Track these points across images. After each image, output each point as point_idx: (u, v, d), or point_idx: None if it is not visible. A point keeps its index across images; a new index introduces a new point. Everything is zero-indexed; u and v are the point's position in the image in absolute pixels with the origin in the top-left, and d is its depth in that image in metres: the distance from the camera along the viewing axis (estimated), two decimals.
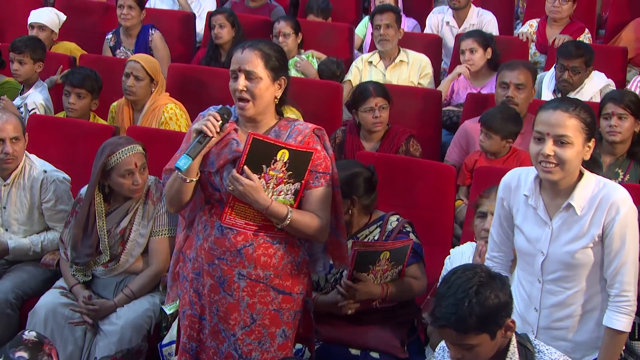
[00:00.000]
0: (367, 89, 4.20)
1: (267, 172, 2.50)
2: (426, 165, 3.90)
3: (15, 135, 3.51)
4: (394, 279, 3.02)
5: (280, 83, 2.61)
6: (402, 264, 2.99)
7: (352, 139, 4.26)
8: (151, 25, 5.50)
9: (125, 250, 3.33)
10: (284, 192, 2.55)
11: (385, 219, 3.13)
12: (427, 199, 3.73)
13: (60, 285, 3.43)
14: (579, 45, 4.65)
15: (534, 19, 5.76)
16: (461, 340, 2.15)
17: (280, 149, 2.48)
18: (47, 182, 3.59)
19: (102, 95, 4.48)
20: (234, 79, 2.58)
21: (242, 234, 2.57)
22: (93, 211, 3.32)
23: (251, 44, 2.59)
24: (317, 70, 5.22)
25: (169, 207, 2.72)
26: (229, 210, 2.56)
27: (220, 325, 2.64)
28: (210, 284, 2.62)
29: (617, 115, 3.74)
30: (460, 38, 5.19)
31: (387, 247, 2.93)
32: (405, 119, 4.43)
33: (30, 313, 3.32)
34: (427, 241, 3.63)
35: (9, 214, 3.61)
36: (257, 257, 2.58)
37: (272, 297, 2.63)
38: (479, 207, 3.00)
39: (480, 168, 3.78)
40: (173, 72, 4.92)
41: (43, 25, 5.27)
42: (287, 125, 2.63)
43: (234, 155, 2.54)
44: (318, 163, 2.58)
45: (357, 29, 6.08)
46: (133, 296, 3.30)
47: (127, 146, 3.29)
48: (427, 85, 5.15)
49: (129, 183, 3.28)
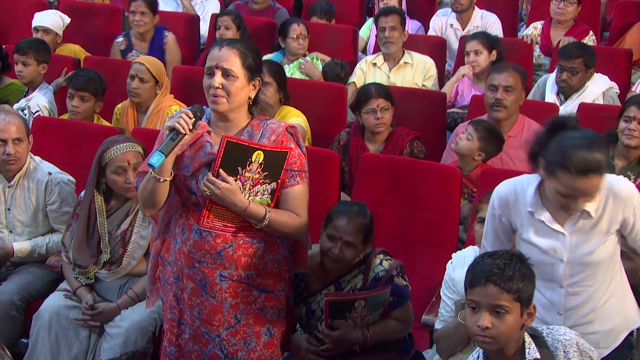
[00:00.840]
0: (369, 90, 4.21)
1: (242, 174, 2.49)
2: (431, 167, 3.88)
3: (18, 137, 3.50)
4: (376, 321, 2.92)
5: (254, 84, 2.62)
6: (382, 308, 2.89)
7: (356, 141, 4.25)
8: (164, 28, 5.52)
9: (127, 253, 3.32)
10: (261, 193, 2.55)
11: (369, 262, 2.95)
12: (432, 201, 3.71)
13: (64, 287, 3.42)
14: (578, 46, 4.65)
15: (538, 21, 5.75)
16: (498, 300, 2.14)
17: (255, 150, 2.47)
18: (52, 184, 3.58)
19: (107, 97, 4.47)
20: (209, 75, 2.57)
21: (221, 236, 2.57)
22: (94, 210, 3.30)
23: (229, 42, 2.60)
24: (321, 72, 5.22)
25: (143, 210, 2.71)
26: (207, 213, 2.55)
27: (202, 328, 2.64)
28: (192, 287, 2.62)
29: (638, 120, 3.71)
30: (465, 40, 5.19)
31: (360, 296, 2.83)
32: (409, 121, 4.41)
33: (34, 316, 3.31)
34: (432, 243, 3.63)
35: (14, 215, 3.60)
36: (237, 258, 2.58)
37: (255, 296, 2.64)
38: (478, 213, 2.96)
39: (487, 170, 3.76)
40: (177, 74, 4.93)
41: (47, 29, 5.27)
42: (259, 124, 2.63)
43: (209, 158, 2.53)
44: (293, 161, 2.58)
45: (361, 31, 6.07)
46: (137, 298, 3.29)
47: (123, 143, 3.28)
48: (432, 87, 5.14)
49: (121, 181, 3.25)
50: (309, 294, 2.98)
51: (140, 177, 2.65)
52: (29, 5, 5.92)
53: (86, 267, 3.32)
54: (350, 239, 2.88)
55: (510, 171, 3.67)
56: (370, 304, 2.85)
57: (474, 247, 3.07)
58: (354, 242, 2.89)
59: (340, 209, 2.98)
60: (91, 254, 3.30)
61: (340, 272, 2.96)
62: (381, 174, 3.80)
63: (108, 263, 3.33)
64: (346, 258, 2.90)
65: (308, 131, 4.37)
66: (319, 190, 3.56)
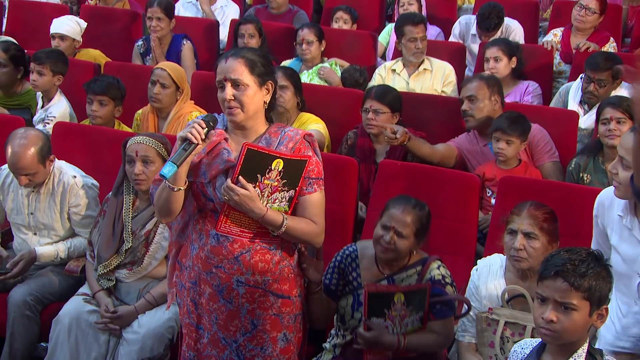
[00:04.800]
0: (370, 89, 4.29)
1: (261, 181, 2.51)
2: (449, 174, 3.87)
3: (32, 172, 3.49)
4: (415, 329, 2.85)
5: (267, 88, 2.63)
6: (422, 310, 2.84)
7: (363, 141, 4.26)
8: (184, 35, 5.55)
9: (149, 253, 3.34)
10: (279, 200, 2.56)
11: (427, 264, 2.92)
12: (450, 209, 3.70)
13: (83, 292, 3.44)
14: (607, 58, 4.57)
15: (558, 28, 5.72)
16: (566, 297, 2.09)
17: (275, 159, 2.49)
18: (76, 188, 3.61)
19: (127, 102, 4.50)
20: (220, 89, 2.59)
21: (239, 241, 2.58)
22: (120, 209, 3.36)
23: (234, 52, 2.61)
24: (340, 78, 5.21)
25: (159, 218, 2.71)
26: (224, 219, 2.56)
27: (219, 333, 2.65)
28: (209, 292, 2.64)
29: (615, 119, 3.78)
30: (485, 46, 5.15)
31: (400, 289, 2.81)
32: (428, 128, 4.38)
33: (54, 320, 3.34)
34: (450, 251, 3.61)
35: (37, 219, 3.64)
36: (254, 264, 2.59)
37: (272, 301, 2.65)
38: (509, 224, 2.93)
39: (507, 178, 3.73)
40: (197, 80, 4.95)
41: (63, 35, 5.32)
42: (277, 132, 2.64)
43: (226, 166, 2.55)
44: (311, 169, 2.60)
45: (380, 37, 6.07)
46: (155, 302, 3.31)
47: (140, 137, 3.33)
48: (451, 93, 5.12)
49: (130, 171, 3.31)
50: (359, 285, 2.97)
51: (156, 185, 2.67)
52: (50, 12, 5.98)
53: (108, 259, 3.34)
54: (402, 229, 2.87)
55: (532, 180, 3.67)
56: (410, 300, 2.81)
57: (500, 255, 3.05)
58: (406, 233, 2.87)
59: (397, 200, 2.97)
60: (115, 248, 3.34)
61: (395, 268, 2.94)
62: (399, 181, 3.80)
63: (129, 263, 3.36)
64: (397, 248, 2.87)
65: (327, 138, 4.37)
66: (336, 197, 3.56)
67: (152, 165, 3.30)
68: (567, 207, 3.40)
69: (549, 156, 4.11)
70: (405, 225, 2.87)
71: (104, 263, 3.35)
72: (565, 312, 2.10)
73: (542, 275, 2.14)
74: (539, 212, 2.86)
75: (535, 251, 2.82)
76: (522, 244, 2.82)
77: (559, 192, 3.56)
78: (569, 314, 2.09)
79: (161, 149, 3.32)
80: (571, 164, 3.98)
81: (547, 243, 2.83)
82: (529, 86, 5.04)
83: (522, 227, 2.83)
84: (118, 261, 3.36)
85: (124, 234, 3.35)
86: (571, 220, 3.35)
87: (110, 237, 3.36)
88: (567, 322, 2.10)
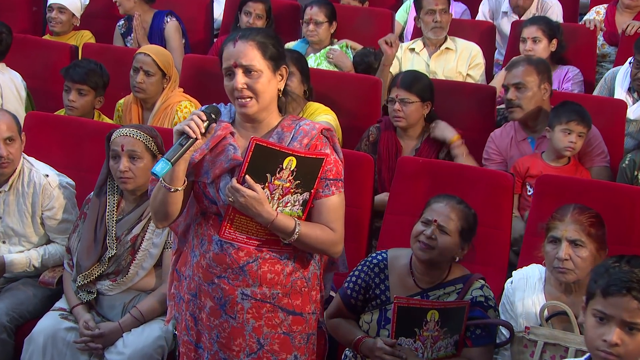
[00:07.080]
0: (396, 77, 4.26)
1: (271, 181, 2.47)
2: (478, 172, 3.84)
3: (10, 136, 3.51)
4: (447, 355, 2.81)
5: (281, 73, 2.61)
6: (458, 333, 2.79)
7: (388, 137, 4.22)
8: (168, 12, 5.52)
9: (135, 261, 3.33)
10: (291, 203, 2.52)
11: (468, 282, 2.88)
12: (480, 212, 3.62)
13: (60, 306, 3.42)
14: None
15: (600, 4, 5.67)
16: (636, 317, 2.06)
17: (287, 156, 2.45)
18: (50, 188, 3.59)
19: (109, 90, 4.46)
20: (229, 76, 2.55)
21: (245, 249, 2.55)
22: (103, 211, 3.35)
23: (242, 34, 2.57)
24: (352, 62, 5.19)
25: (155, 222, 2.69)
26: (228, 224, 2.53)
27: (221, 353, 2.62)
28: (210, 306, 2.60)
29: None
30: (522, 24, 5.10)
31: (435, 305, 2.75)
32: (453, 119, 4.34)
33: (26, 340, 3.31)
34: (479, 261, 3.57)
35: (7, 224, 3.62)
36: (262, 274, 2.56)
37: (281, 318, 2.61)
38: (550, 231, 2.89)
39: (545, 177, 3.69)
40: (188, 65, 4.93)
41: (63, 8, 5.35)
42: (290, 125, 2.60)
43: (232, 164, 2.52)
44: (328, 169, 2.56)
45: (397, 15, 6.06)
46: (142, 319, 3.29)
47: (127, 129, 3.32)
48: (478, 78, 5.10)
49: (115, 168, 3.30)
50: (387, 299, 2.94)
51: (152, 184, 2.64)
52: None
53: (89, 268, 3.32)
54: (446, 223, 2.85)
55: (573, 179, 3.63)
56: (445, 320, 2.76)
57: (538, 265, 3.02)
58: (450, 229, 2.86)
59: (440, 195, 2.98)
60: (98, 256, 3.32)
61: (432, 282, 2.91)
62: (420, 181, 3.77)
63: (113, 273, 3.34)
64: (439, 246, 2.84)
65: (338, 131, 4.34)
66: (349, 199, 3.51)
67: (140, 161, 3.28)
68: (615, 210, 3.37)
69: (600, 159, 4.08)
70: (450, 219, 2.86)
71: (84, 273, 3.33)
72: (630, 334, 2.08)
73: (607, 291, 2.10)
74: (583, 217, 2.83)
75: (583, 261, 2.79)
76: (568, 253, 2.79)
77: (606, 193, 3.53)
78: (635, 335, 2.07)
79: (150, 142, 3.29)
80: (625, 160, 3.92)
81: (595, 251, 2.81)
82: (569, 72, 5.02)
83: (567, 234, 2.80)
84: (100, 271, 3.33)
85: (107, 239, 3.33)
86: (621, 226, 3.33)
87: (91, 243, 3.34)
88: (633, 345, 2.08)
